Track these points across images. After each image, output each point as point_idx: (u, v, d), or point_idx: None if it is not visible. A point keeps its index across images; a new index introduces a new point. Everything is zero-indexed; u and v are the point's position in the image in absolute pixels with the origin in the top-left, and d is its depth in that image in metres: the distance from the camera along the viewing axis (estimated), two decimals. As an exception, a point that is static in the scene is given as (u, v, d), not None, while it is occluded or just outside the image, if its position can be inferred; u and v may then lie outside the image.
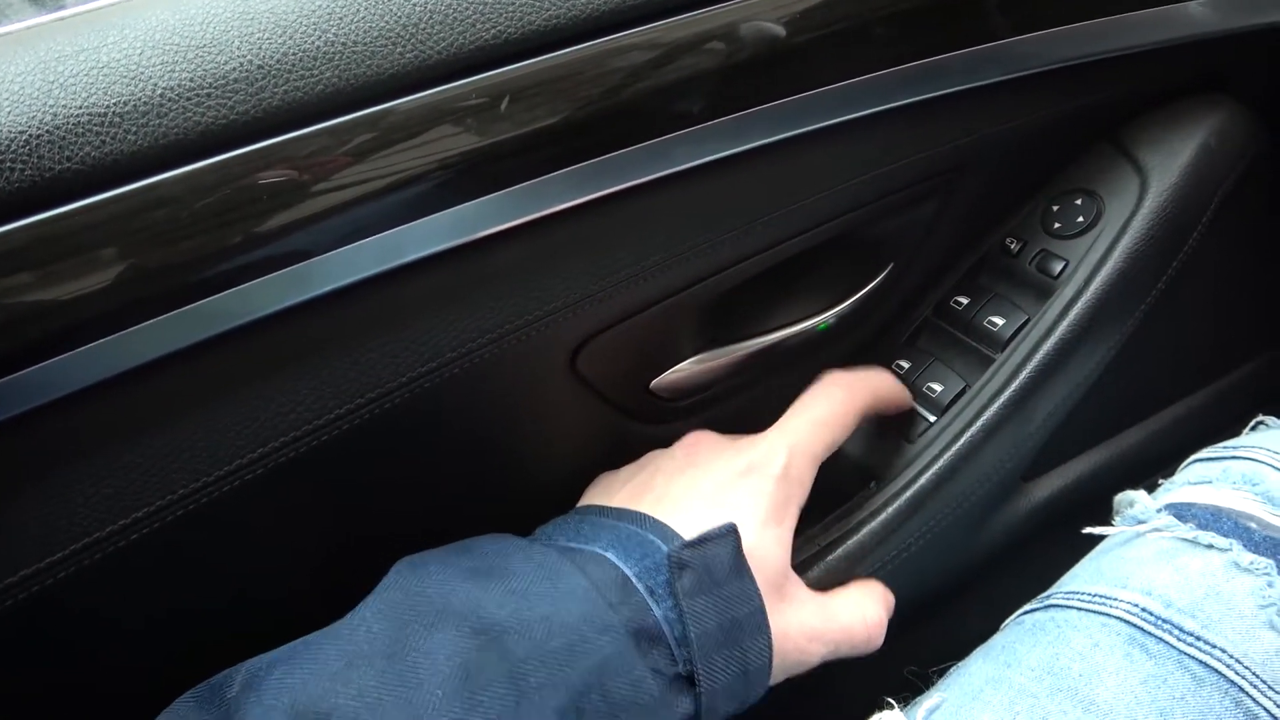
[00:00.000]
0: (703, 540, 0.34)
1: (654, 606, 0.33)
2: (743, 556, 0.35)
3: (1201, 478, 0.42)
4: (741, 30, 0.35)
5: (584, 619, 0.31)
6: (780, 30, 0.36)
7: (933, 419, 0.45)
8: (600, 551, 0.34)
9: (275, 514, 0.37)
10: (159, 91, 0.29)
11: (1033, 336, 0.44)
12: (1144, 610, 0.37)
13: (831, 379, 0.43)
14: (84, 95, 0.29)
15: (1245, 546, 0.38)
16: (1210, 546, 0.38)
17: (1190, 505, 0.40)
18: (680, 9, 0.35)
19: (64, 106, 0.28)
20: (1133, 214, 0.44)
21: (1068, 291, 0.44)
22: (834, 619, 0.39)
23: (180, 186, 0.30)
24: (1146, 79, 0.46)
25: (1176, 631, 0.36)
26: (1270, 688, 0.34)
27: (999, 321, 0.45)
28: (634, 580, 0.33)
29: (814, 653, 0.38)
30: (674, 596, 0.33)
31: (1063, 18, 0.41)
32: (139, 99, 0.29)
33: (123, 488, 0.33)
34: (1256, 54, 0.47)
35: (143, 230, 0.29)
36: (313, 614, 0.36)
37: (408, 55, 0.31)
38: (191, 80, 0.30)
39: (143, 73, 0.29)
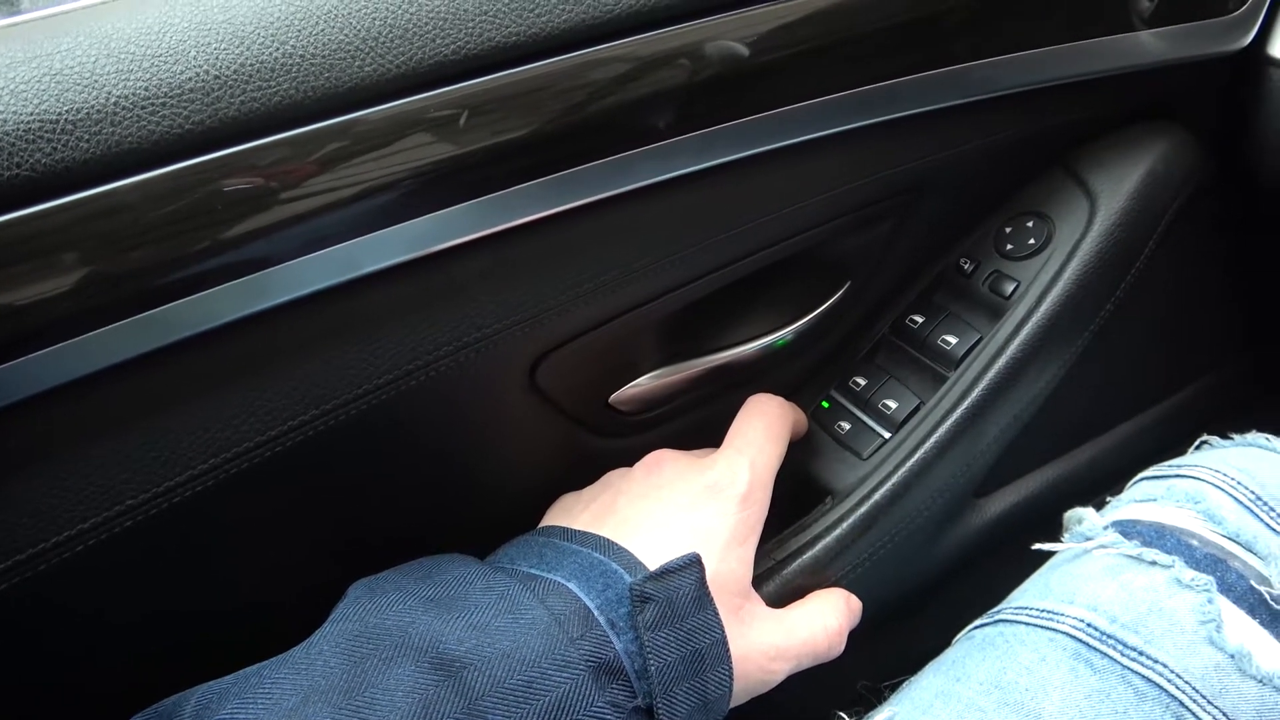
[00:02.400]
0: (665, 572, 0.34)
1: (615, 639, 0.33)
2: (705, 587, 0.35)
3: (1147, 495, 0.43)
4: (702, 50, 0.36)
5: (544, 655, 0.31)
6: (740, 50, 0.36)
7: (888, 435, 0.45)
8: (562, 581, 0.34)
9: (226, 526, 0.36)
10: (113, 99, 0.29)
11: (985, 355, 0.45)
12: (1089, 625, 0.37)
13: (764, 398, 0.43)
14: (36, 102, 0.28)
15: (1187, 563, 0.38)
16: (1154, 563, 0.39)
17: (1136, 522, 0.41)
18: (641, 28, 0.35)
19: (15, 113, 0.28)
20: (1082, 237, 0.45)
21: (1019, 311, 0.45)
22: (794, 634, 0.39)
23: (134, 194, 0.29)
24: (1097, 106, 0.47)
25: (1120, 647, 0.37)
26: (1209, 702, 0.35)
27: (952, 340, 0.46)
28: (595, 613, 0.33)
29: (778, 671, 0.38)
30: (635, 629, 0.33)
31: (1017, 44, 0.42)
32: (92, 106, 0.29)
33: (69, 498, 0.32)
34: (1203, 84, 0.48)
35: (94, 237, 0.29)
36: (266, 626, 0.35)
37: (366, 69, 0.32)
38: (147, 89, 0.29)
39: (97, 80, 0.29)
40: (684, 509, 0.38)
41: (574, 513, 0.40)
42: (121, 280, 0.30)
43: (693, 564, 0.35)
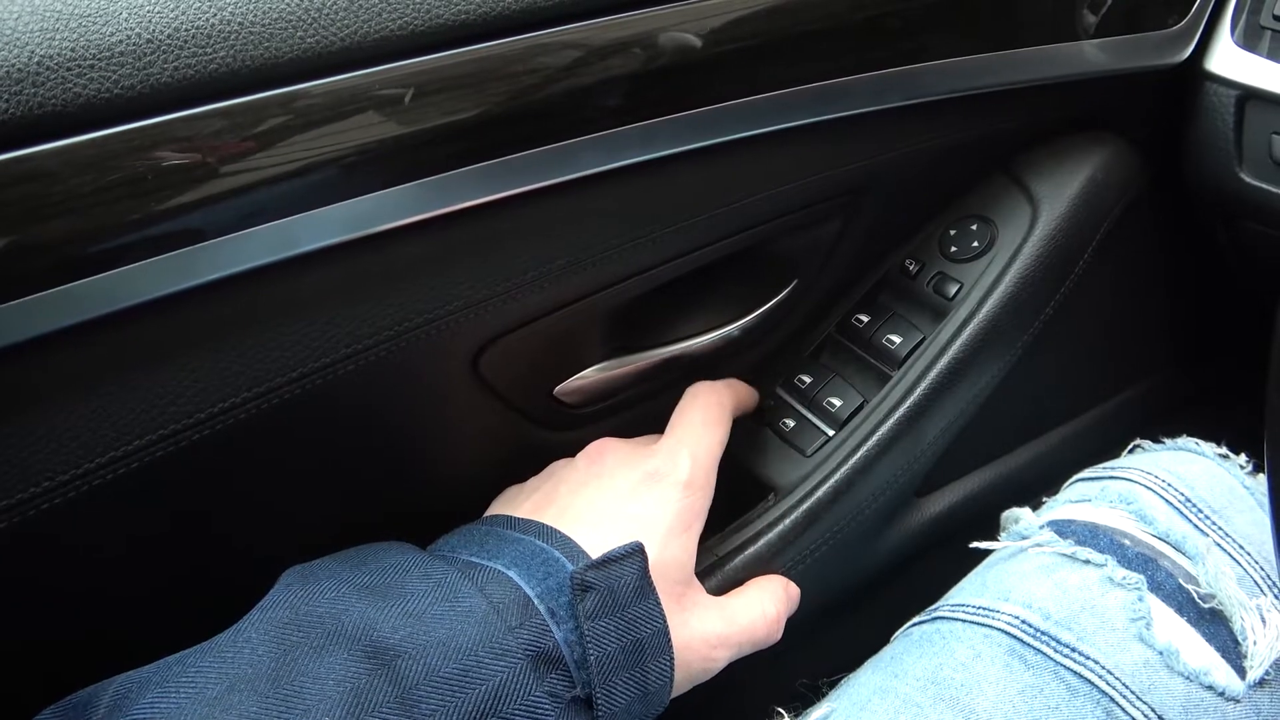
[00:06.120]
0: (607, 560, 0.34)
1: (554, 629, 0.32)
2: (648, 576, 0.34)
3: (1082, 496, 0.44)
4: (652, 40, 0.36)
5: (481, 643, 0.30)
6: (690, 42, 0.36)
7: (831, 433, 0.45)
8: (503, 570, 0.34)
9: (149, 514, 0.35)
10: (35, 59, 0.28)
11: (927, 355, 0.45)
12: (1024, 622, 0.38)
13: (702, 386, 0.43)
14: None
15: (1119, 562, 0.39)
16: (1087, 562, 0.40)
17: (1070, 522, 0.42)
18: (591, 14, 0.35)
19: (-73, 69, 0.27)
20: (1024, 240, 0.46)
21: (961, 313, 0.45)
22: (735, 621, 0.39)
23: (55, 160, 0.28)
24: (1040, 113, 0.48)
25: (1054, 643, 0.37)
26: (1138, 698, 0.36)
27: (896, 339, 0.46)
28: (535, 601, 0.32)
29: (719, 658, 0.38)
30: (575, 619, 0.32)
31: (965, 49, 0.42)
32: (12, 65, 0.27)
33: None
34: (1142, 95, 0.50)
35: (10, 204, 0.28)
36: (190, 623, 0.34)
37: (308, 40, 0.31)
38: (73, 50, 0.28)
39: (18, 38, 0.28)
40: (626, 497, 0.37)
41: (517, 502, 0.40)
42: (38, 251, 0.28)
43: (635, 553, 0.34)
